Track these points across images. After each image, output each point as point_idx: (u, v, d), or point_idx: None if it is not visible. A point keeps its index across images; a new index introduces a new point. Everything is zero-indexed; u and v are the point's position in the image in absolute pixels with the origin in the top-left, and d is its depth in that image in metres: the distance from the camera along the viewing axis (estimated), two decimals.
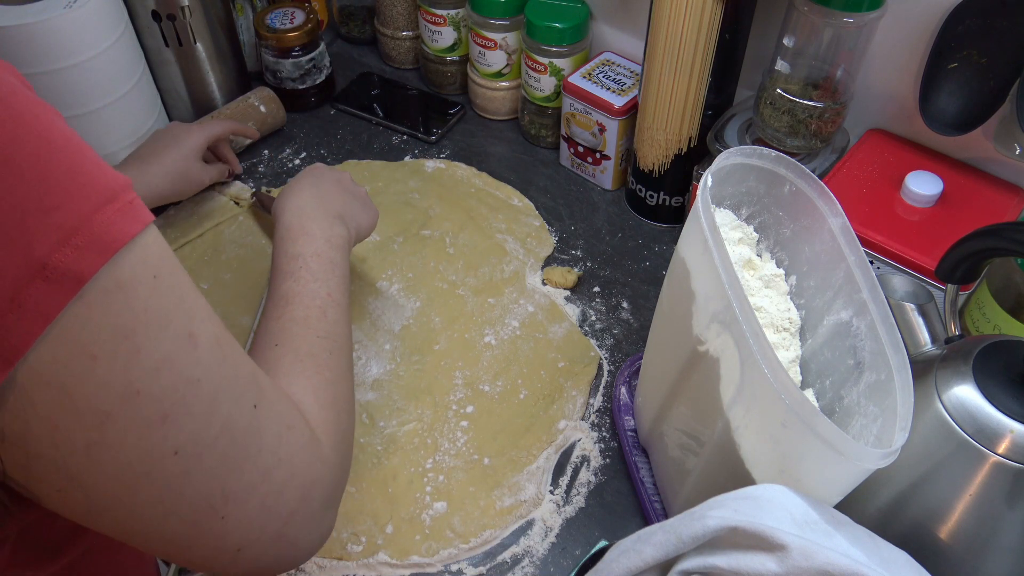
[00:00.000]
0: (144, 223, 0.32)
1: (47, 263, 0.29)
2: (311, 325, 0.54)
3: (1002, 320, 0.66)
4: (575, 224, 0.91)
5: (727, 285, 0.47)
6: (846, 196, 0.70)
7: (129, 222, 0.32)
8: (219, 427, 0.36)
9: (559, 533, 0.66)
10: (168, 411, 0.33)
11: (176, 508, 0.36)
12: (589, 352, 0.78)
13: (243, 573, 0.41)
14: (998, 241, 0.51)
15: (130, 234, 0.31)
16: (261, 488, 0.39)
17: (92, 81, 0.83)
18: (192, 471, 0.35)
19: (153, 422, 0.33)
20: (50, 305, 0.29)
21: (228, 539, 0.38)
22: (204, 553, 0.39)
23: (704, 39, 0.73)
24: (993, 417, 0.48)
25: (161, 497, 0.35)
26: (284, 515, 0.40)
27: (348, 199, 0.69)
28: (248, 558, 0.40)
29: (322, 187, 0.68)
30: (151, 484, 0.34)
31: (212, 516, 0.37)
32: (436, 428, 0.72)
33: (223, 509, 0.37)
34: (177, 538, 0.37)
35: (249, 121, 0.97)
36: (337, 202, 0.67)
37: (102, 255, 0.30)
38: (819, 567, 0.40)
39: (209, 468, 0.36)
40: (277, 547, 0.41)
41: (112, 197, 0.31)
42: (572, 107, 0.90)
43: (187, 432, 0.34)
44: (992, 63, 0.67)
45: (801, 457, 0.46)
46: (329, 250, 0.61)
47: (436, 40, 1.02)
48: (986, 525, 0.50)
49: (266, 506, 0.39)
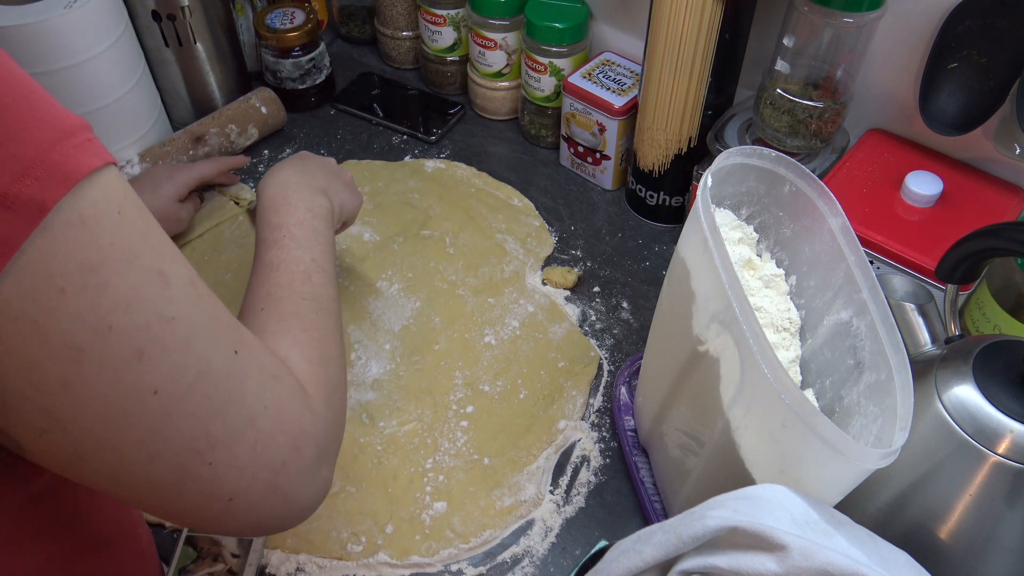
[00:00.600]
0: (105, 160, 0.33)
1: (7, 193, 0.29)
2: (295, 288, 0.54)
3: (1002, 320, 0.66)
4: (575, 224, 0.91)
5: (727, 285, 0.47)
6: (846, 196, 0.70)
7: (88, 156, 0.32)
8: (197, 368, 0.36)
9: (559, 533, 0.66)
10: (143, 347, 0.33)
11: (161, 451, 0.36)
12: (589, 352, 0.78)
13: (239, 527, 0.41)
14: (998, 241, 0.51)
15: (90, 167, 0.32)
16: (248, 435, 0.39)
17: (92, 81, 0.83)
18: (173, 412, 0.35)
19: (128, 358, 0.33)
20: (12, 234, 0.29)
21: (218, 487, 0.38)
22: (195, 501, 0.38)
23: (704, 39, 0.73)
24: (993, 417, 0.48)
25: (144, 439, 0.35)
26: (275, 464, 0.40)
27: (332, 178, 0.70)
28: (242, 509, 0.40)
29: (305, 166, 0.68)
30: (133, 425, 0.34)
31: (198, 461, 0.37)
32: (436, 428, 0.72)
33: (209, 454, 0.37)
34: (165, 485, 0.37)
35: (250, 122, 0.97)
36: (320, 178, 0.67)
37: (62, 186, 0.30)
38: (819, 567, 0.40)
39: (191, 410, 0.36)
40: (271, 499, 0.41)
41: (70, 133, 0.31)
42: (572, 107, 0.90)
43: (164, 371, 0.34)
44: (992, 63, 0.67)
45: (801, 457, 0.46)
46: (311, 219, 0.61)
47: (436, 40, 1.02)
48: (986, 525, 0.50)
49: (256, 453, 0.39)
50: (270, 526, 0.43)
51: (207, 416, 0.37)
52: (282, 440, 0.41)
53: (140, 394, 0.34)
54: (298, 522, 0.44)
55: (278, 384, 0.41)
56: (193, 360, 0.36)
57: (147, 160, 0.91)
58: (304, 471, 0.42)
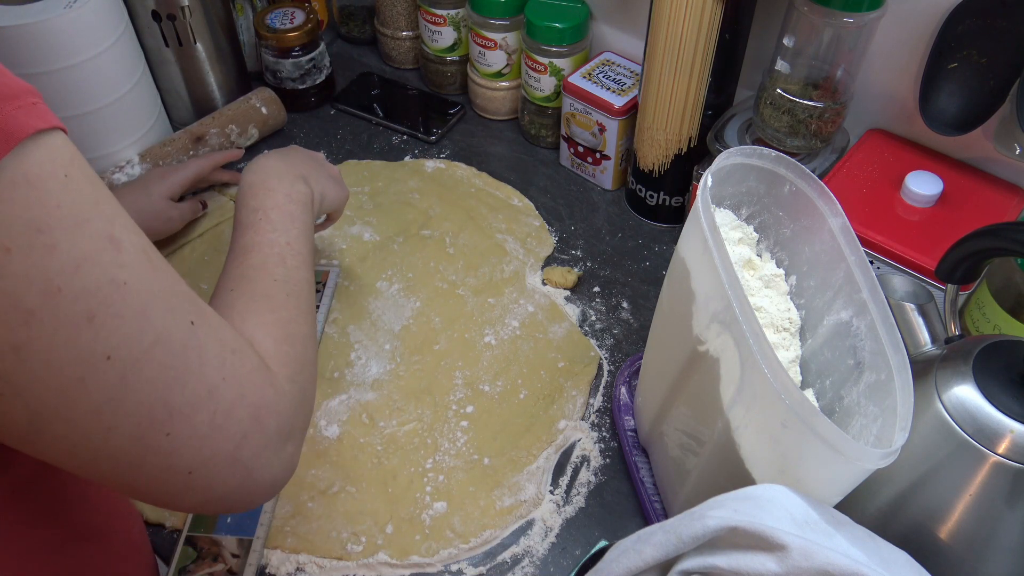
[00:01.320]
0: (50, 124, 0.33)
1: None
2: (268, 270, 0.54)
3: (1002, 320, 0.66)
4: (575, 224, 0.91)
5: (727, 285, 0.47)
6: (846, 196, 0.70)
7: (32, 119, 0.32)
8: (153, 336, 0.36)
9: (559, 533, 0.66)
10: (94, 311, 0.33)
11: (117, 421, 0.36)
12: (589, 352, 0.78)
13: (201, 502, 0.41)
14: (998, 241, 0.51)
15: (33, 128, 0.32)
16: (208, 405, 0.39)
17: (92, 81, 0.83)
18: (129, 379, 0.35)
19: (79, 322, 0.33)
20: None
21: (177, 458, 0.38)
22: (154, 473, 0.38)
23: (704, 39, 0.73)
24: (993, 417, 0.48)
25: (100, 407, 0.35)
26: (236, 437, 0.40)
27: (315, 168, 0.70)
28: (202, 484, 0.40)
29: (289, 155, 0.68)
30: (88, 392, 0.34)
31: (157, 431, 0.37)
32: (436, 428, 0.72)
33: (168, 424, 0.37)
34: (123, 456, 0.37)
35: (250, 122, 0.97)
36: (301, 167, 0.67)
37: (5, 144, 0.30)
38: (819, 567, 0.40)
39: (148, 379, 0.36)
40: (232, 473, 0.41)
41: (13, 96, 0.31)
42: (572, 107, 0.90)
43: (118, 336, 0.34)
44: (992, 63, 0.67)
45: (801, 457, 0.46)
46: (288, 204, 0.61)
47: (436, 40, 1.02)
48: (986, 525, 0.50)
49: (215, 424, 0.39)
50: (233, 502, 0.42)
51: (165, 385, 0.37)
52: (243, 413, 0.41)
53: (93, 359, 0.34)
54: (262, 500, 0.44)
55: (237, 358, 0.41)
56: (148, 327, 0.36)
57: (147, 160, 0.90)
58: (267, 446, 0.42)
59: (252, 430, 0.41)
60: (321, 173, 0.70)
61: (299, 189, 0.64)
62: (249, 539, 0.64)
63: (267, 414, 0.42)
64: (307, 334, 0.53)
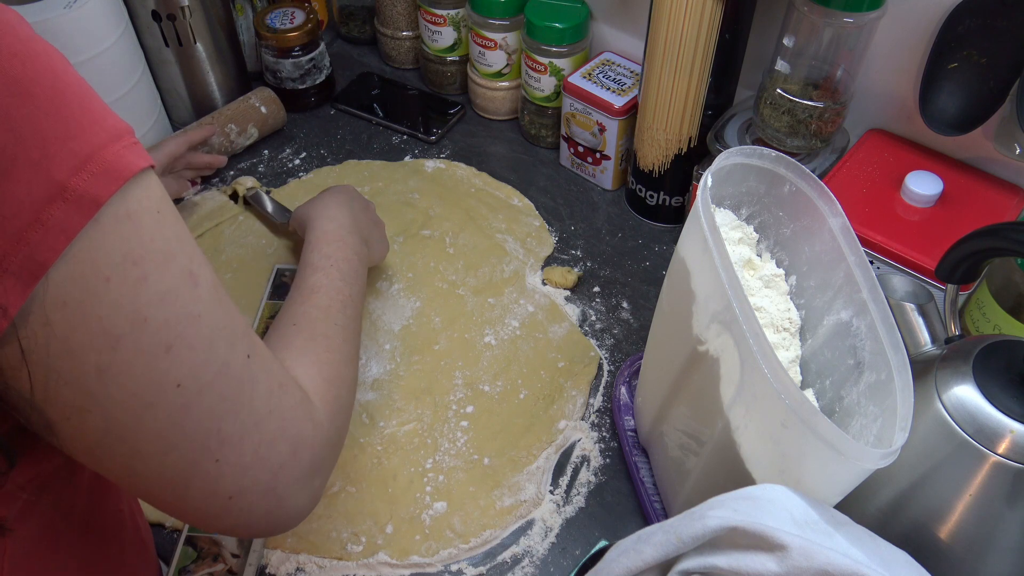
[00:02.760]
0: (148, 163, 0.35)
1: (67, 186, 0.31)
2: (331, 314, 0.58)
3: (1002, 320, 0.66)
4: (575, 224, 0.91)
5: (727, 285, 0.47)
6: (846, 196, 0.70)
7: (135, 158, 0.34)
8: (217, 367, 0.38)
9: (559, 533, 0.66)
10: (172, 342, 0.35)
11: (177, 443, 0.37)
12: (589, 352, 0.78)
13: (233, 526, 0.43)
14: (998, 241, 0.51)
15: (138, 167, 0.34)
16: (254, 436, 0.41)
17: (92, 81, 0.81)
18: (192, 406, 0.37)
19: (158, 351, 0.35)
20: (70, 224, 0.31)
21: (222, 484, 0.40)
22: (198, 496, 0.40)
23: (704, 39, 0.73)
24: (993, 417, 0.48)
25: (163, 430, 0.37)
26: (274, 467, 0.42)
27: (372, 228, 0.76)
28: (239, 508, 0.42)
29: (355, 208, 0.74)
30: (155, 415, 0.36)
31: (208, 456, 0.39)
32: (436, 428, 0.72)
33: (218, 451, 0.39)
34: (175, 478, 0.39)
35: (250, 122, 0.97)
36: (365, 226, 0.73)
37: (114, 182, 0.33)
38: (819, 567, 0.40)
39: (208, 406, 0.38)
40: (267, 501, 0.43)
41: (119, 135, 0.34)
42: (572, 107, 0.90)
43: (188, 366, 0.36)
44: (992, 63, 0.67)
45: (801, 457, 0.46)
46: (357, 262, 0.67)
47: (436, 40, 1.02)
48: (986, 525, 0.50)
49: (259, 455, 0.41)
50: (262, 528, 0.44)
51: (221, 414, 0.39)
52: (283, 445, 0.43)
53: (165, 386, 0.36)
54: (287, 528, 0.46)
55: (283, 392, 0.43)
56: (214, 359, 0.38)
57: None
58: (299, 477, 0.44)
59: (289, 462, 0.43)
60: (377, 232, 0.77)
61: (364, 252, 0.70)
62: (249, 539, 0.64)
63: (304, 448, 0.44)
64: (352, 380, 0.56)
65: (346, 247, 0.67)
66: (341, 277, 0.63)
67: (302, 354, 0.52)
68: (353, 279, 0.64)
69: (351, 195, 0.76)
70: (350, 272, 0.64)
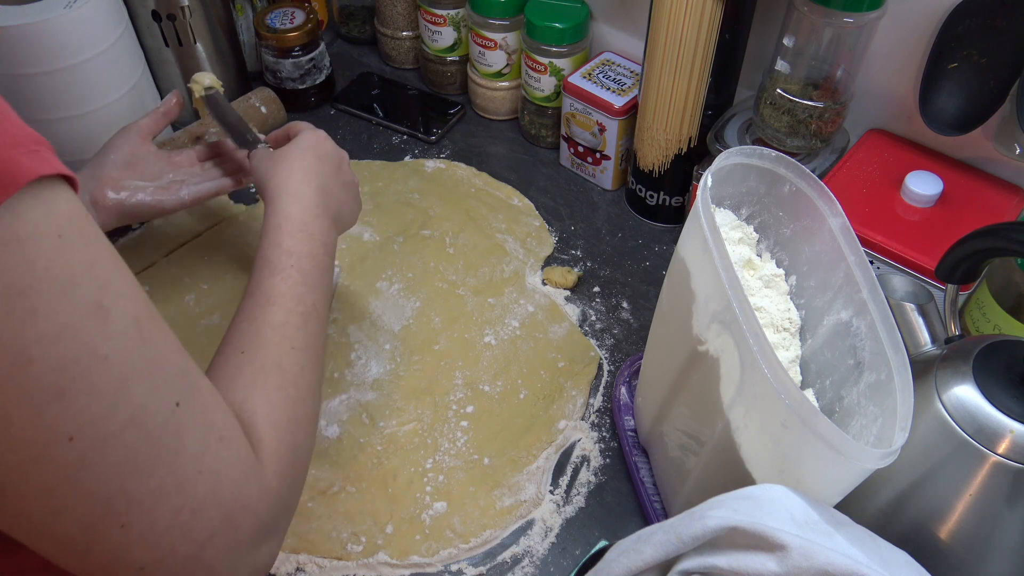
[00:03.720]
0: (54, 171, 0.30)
1: None
2: (288, 334, 0.50)
3: (1002, 320, 0.66)
4: (575, 224, 0.91)
5: (727, 285, 0.47)
6: (846, 196, 0.70)
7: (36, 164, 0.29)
8: (127, 416, 0.33)
9: (559, 533, 0.66)
10: (65, 387, 0.30)
11: (70, 503, 0.32)
12: (589, 352, 0.78)
13: None
14: (998, 241, 0.51)
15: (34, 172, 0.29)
16: (174, 499, 0.35)
17: (92, 81, 0.83)
18: (89, 461, 0.32)
19: (46, 399, 0.30)
20: None
21: (130, 553, 0.35)
22: (100, 564, 0.35)
23: (704, 39, 0.73)
24: (993, 417, 0.48)
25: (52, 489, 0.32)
26: (200, 538, 0.37)
27: (345, 196, 0.66)
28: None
29: (325, 175, 0.63)
30: (41, 471, 0.31)
31: (110, 521, 0.34)
32: (436, 428, 0.72)
33: (124, 515, 0.34)
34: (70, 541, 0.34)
35: (249, 122, 0.96)
36: (336, 200, 0.64)
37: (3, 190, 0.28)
38: (819, 567, 0.40)
39: (112, 462, 0.33)
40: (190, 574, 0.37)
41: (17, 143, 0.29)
42: (572, 107, 0.90)
43: (87, 415, 0.31)
44: (992, 63, 0.67)
45: (801, 457, 0.46)
46: (324, 255, 0.58)
47: (436, 40, 1.02)
48: (986, 525, 0.50)
49: (178, 523, 0.35)
50: None
51: (128, 471, 0.33)
52: (214, 512, 0.37)
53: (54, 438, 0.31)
54: None
55: (223, 447, 0.38)
56: (123, 406, 0.33)
57: None
58: (235, 549, 0.38)
59: (221, 531, 0.37)
60: (348, 200, 0.66)
61: (333, 238, 0.60)
62: None
63: (243, 515, 0.38)
64: (312, 417, 0.49)
65: (312, 239, 0.57)
66: (303, 281, 0.54)
67: (250, 390, 0.45)
68: (317, 281, 0.55)
69: (320, 154, 0.65)
70: (314, 272, 0.55)
